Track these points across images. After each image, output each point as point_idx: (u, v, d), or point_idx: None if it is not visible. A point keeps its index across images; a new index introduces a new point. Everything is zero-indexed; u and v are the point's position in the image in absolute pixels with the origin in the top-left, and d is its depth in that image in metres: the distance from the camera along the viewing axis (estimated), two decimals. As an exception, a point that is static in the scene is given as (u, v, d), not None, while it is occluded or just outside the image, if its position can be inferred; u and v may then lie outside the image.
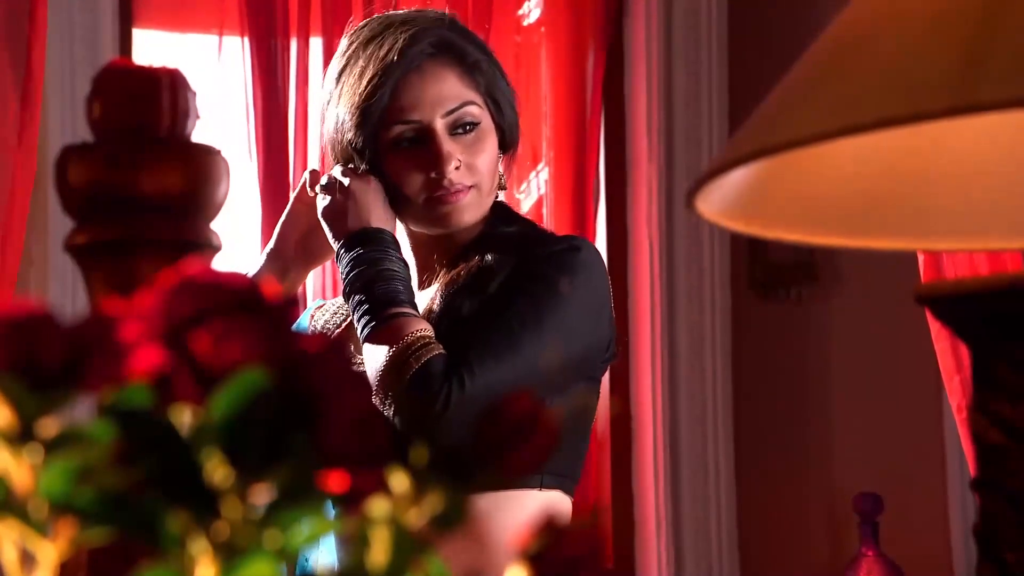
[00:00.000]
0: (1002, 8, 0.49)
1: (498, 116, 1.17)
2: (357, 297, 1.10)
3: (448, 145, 1.13)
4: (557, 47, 2.24)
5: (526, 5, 2.23)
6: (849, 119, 0.50)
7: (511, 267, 1.11)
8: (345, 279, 1.11)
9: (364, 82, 1.14)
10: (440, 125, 1.13)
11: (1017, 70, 0.47)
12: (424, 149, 1.13)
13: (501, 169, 1.19)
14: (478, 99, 1.16)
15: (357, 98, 1.14)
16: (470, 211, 1.14)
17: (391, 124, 1.13)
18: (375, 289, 1.09)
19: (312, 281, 2.05)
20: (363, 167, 1.16)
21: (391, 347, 1.05)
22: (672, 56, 2.27)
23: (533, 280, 1.10)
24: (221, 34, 2.07)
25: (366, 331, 1.08)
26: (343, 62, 1.17)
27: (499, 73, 1.19)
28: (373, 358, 1.07)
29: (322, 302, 1.30)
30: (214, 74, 2.06)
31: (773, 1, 2.31)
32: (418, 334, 1.06)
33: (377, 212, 1.14)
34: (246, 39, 2.05)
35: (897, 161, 0.63)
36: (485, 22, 2.15)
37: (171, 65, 0.42)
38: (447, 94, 1.14)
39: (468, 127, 1.14)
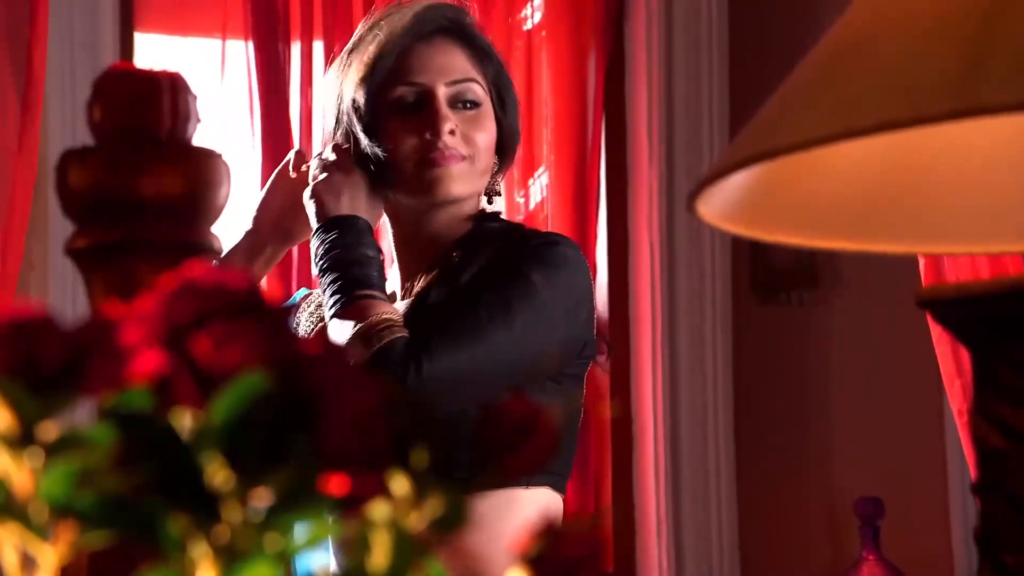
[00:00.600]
0: (1003, 10, 0.49)
1: (499, 109, 1.19)
2: (330, 276, 1.11)
3: (448, 113, 1.15)
4: (558, 51, 2.24)
5: (527, 8, 2.23)
6: (850, 122, 0.50)
7: (487, 259, 1.12)
8: (320, 259, 1.13)
9: (374, 46, 1.16)
10: (442, 92, 1.15)
11: (1018, 72, 0.47)
12: (423, 113, 1.15)
13: (495, 166, 1.20)
14: (483, 82, 1.18)
15: (366, 58, 1.16)
16: (460, 182, 1.15)
17: (395, 85, 1.15)
18: (350, 271, 1.11)
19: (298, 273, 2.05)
20: (360, 139, 1.17)
21: (355, 324, 1.07)
22: (673, 60, 2.27)
23: (506, 271, 1.10)
24: (223, 38, 2.07)
25: (334, 308, 1.10)
26: (354, 41, 1.20)
27: (506, 74, 1.21)
28: (337, 335, 1.08)
29: (307, 292, 1.30)
30: (215, 78, 2.06)
31: (774, 5, 2.32)
32: (383, 316, 1.07)
33: (360, 202, 1.15)
34: (249, 43, 2.06)
35: (898, 164, 0.63)
36: (486, 26, 2.15)
37: (172, 68, 0.42)
38: (453, 65, 1.16)
39: (469, 104, 1.16)
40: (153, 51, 2.09)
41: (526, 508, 1.09)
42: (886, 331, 2.18)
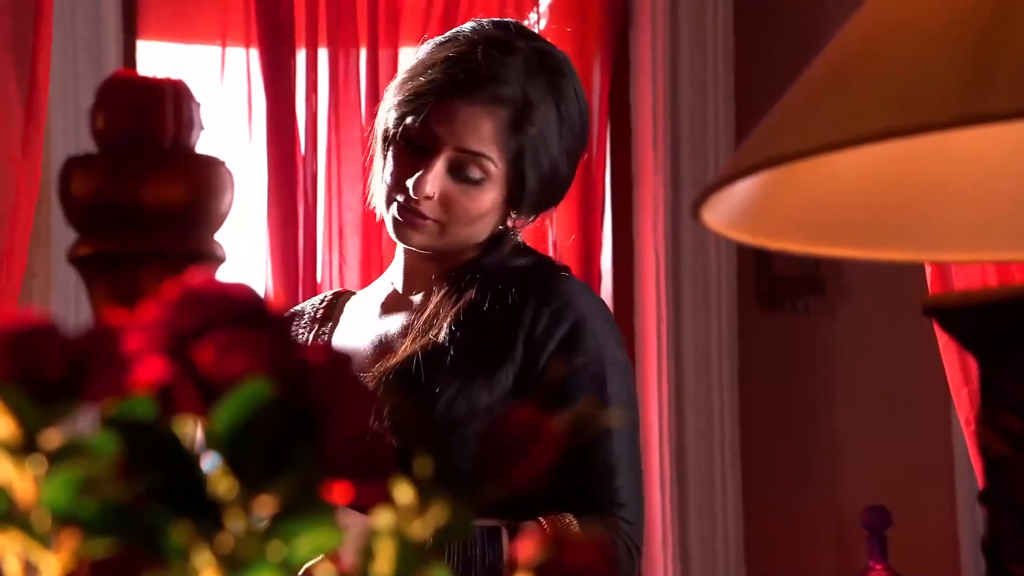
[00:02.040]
0: (1008, 18, 0.49)
1: (514, 180, 1.13)
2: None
3: (438, 175, 1.11)
4: (563, 58, 2.24)
5: (531, 16, 2.23)
6: (855, 130, 0.50)
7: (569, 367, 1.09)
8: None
9: (426, 62, 1.13)
10: (447, 155, 1.11)
11: (1023, 80, 0.46)
12: (421, 160, 1.12)
13: (511, 224, 1.16)
14: (499, 156, 1.12)
15: (411, 83, 1.13)
16: (423, 240, 1.13)
17: (416, 116, 1.12)
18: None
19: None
20: (377, 143, 1.16)
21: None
22: (678, 67, 2.27)
23: (591, 375, 1.09)
24: (225, 45, 2.08)
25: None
26: (416, 55, 1.17)
27: (559, 134, 1.13)
28: None
29: (295, 309, 1.27)
30: (219, 85, 2.06)
31: (779, 13, 2.32)
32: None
33: None
34: (252, 50, 2.06)
35: (903, 172, 0.63)
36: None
37: (175, 76, 0.42)
38: (472, 135, 1.11)
39: (470, 179, 1.11)
40: (156, 58, 2.10)
41: None
42: (893, 339, 2.18)
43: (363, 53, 2.10)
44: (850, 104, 0.51)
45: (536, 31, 1.18)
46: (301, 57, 2.08)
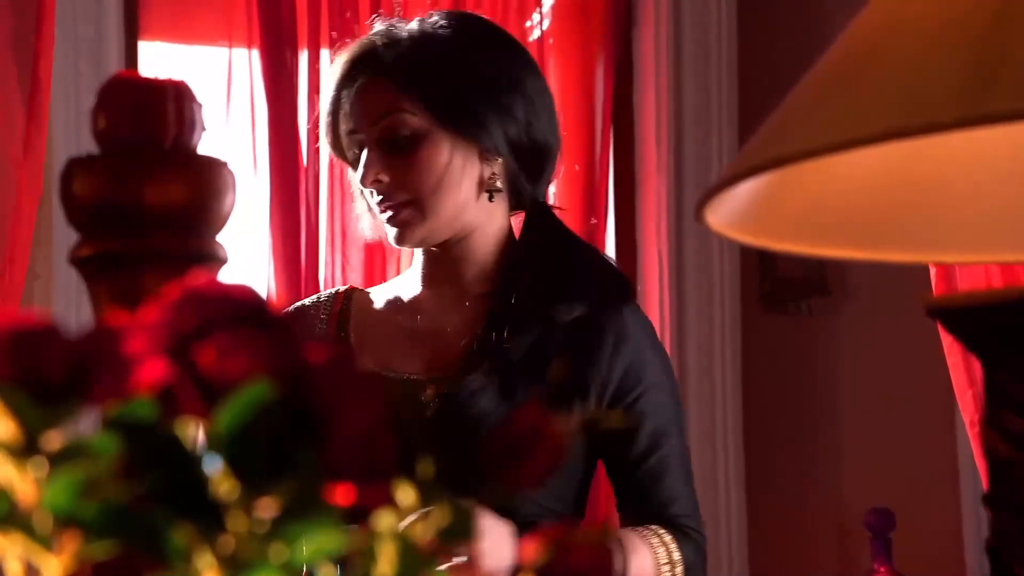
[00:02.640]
0: (1010, 18, 0.48)
1: (458, 126, 1.10)
2: None
3: (372, 158, 1.11)
4: (565, 59, 2.24)
5: (534, 16, 2.23)
6: (858, 131, 0.49)
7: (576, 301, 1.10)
8: None
9: (322, 102, 1.16)
10: (369, 138, 1.12)
11: (1027, 81, 0.46)
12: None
13: (491, 173, 1.12)
14: (410, 107, 1.10)
15: (321, 116, 1.17)
16: (413, 230, 1.12)
17: (334, 131, 1.15)
18: None
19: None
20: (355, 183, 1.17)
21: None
22: (681, 68, 2.27)
23: (640, 381, 1.12)
24: (229, 46, 2.08)
25: None
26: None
27: (483, 83, 1.10)
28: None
29: (299, 305, 1.25)
30: (221, 86, 2.06)
31: (782, 13, 2.32)
32: (662, 565, 1.09)
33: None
34: (255, 51, 2.06)
35: (907, 173, 0.63)
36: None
37: (176, 77, 0.42)
38: (375, 104, 1.12)
39: (404, 141, 1.10)
40: (157, 59, 2.10)
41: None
42: (897, 341, 2.17)
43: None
44: (853, 105, 0.51)
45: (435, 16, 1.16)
46: (303, 58, 2.08)
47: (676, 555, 1.11)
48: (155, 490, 0.34)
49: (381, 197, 1.12)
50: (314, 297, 1.26)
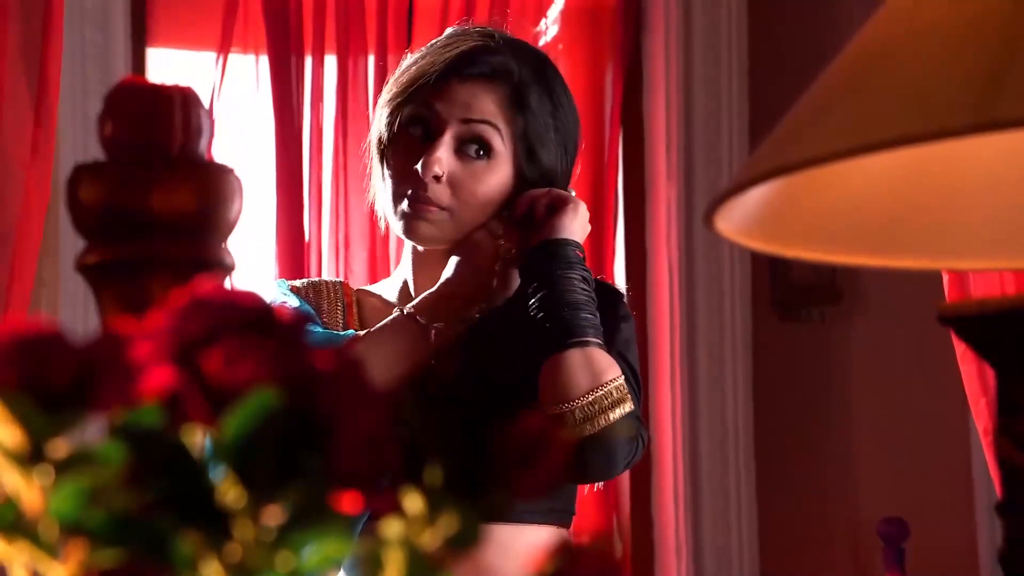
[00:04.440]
0: (1023, 23, 0.48)
1: (524, 160, 1.12)
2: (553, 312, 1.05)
3: (444, 153, 1.10)
4: (575, 64, 2.24)
5: (543, 22, 2.23)
6: (870, 136, 0.49)
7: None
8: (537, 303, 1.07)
9: (414, 69, 1.13)
10: (453, 130, 1.10)
11: (1040, 86, 0.46)
12: (426, 146, 1.11)
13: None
14: (504, 130, 1.11)
15: (403, 78, 1.13)
16: (433, 234, 1.11)
17: (415, 103, 1.11)
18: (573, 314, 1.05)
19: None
20: (373, 153, 1.14)
21: (593, 389, 1.04)
22: (691, 73, 2.27)
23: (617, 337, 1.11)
24: (245, 52, 2.08)
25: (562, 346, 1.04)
26: (403, 62, 1.16)
27: (558, 133, 1.13)
28: (567, 384, 1.04)
29: (312, 281, 1.23)
30: (227, 92, 2.06)
31: (793, 18, 2.31)
32: (619, 382, 1.05)
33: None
34: (261, 57, 2.07)
35: (919, 179, 0.62)
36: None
37: (183, 83, 0.42)
38: (477, 105, 1.11)
39: (479, 150, 1.10)
40: (165, 66, 2.10)
41: (533, 546, 1.07)
42: (909, 348, 2.16)
43: (371, 60, 2.10)
44: (865, 110, 0.50)
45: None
46: (309, 64, 2.08)
47: (623, 392, 1.05)
48: (161, 498, 0.33)
49: (423, 192, 1.10)
50: (320, 278, 1.25)
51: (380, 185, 1.16)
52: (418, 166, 1.10)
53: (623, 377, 1.06)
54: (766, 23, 2.31)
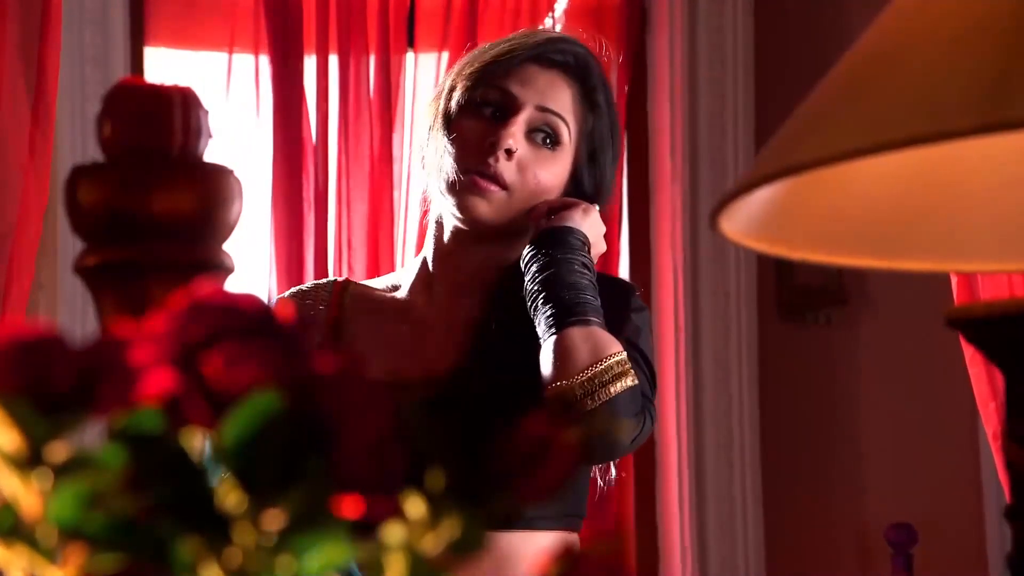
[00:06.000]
0: (1033, 22, 0.48)
1: (584, 159, 1.14)
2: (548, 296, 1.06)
3: (520, 130, 1.11)
4: (578, 64, 2.23)
5: (546, 21, 2.23)
6: (877, 137, 0.49)
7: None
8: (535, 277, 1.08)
9: (495, 50, 1.14)
10: (527, 113, 1.12)
11: (1049, 85, 0.45)
12: (497, 124, 1.11)
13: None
14: (575, 127, 1.14)
15: (484, 55, 1.14)
16: (490, 210, 1.11)
17: (490, 85, 1.12)
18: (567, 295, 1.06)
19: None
20: (438, 119, 1.15)
21: (594, 364, 1.03)
22: (696, 74, 2.26)
23: (628, 334, 1.11)
24: (232, 52, 2.08)
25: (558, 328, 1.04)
26: (482, 46, 1.17)
27: (612, 135, 1.16)
28: (567, 360, 1.03)
29: (296, 290, 1.24)
30: (227, 92, 2.06)
31: (799, 19, 2.31)
32: (622, 356, 1.05)
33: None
34: (262, 57, 2.06)
35: (926, 179, 0.62)
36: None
37: (183, 83, 0.42)
38: (554, 96, 1.13)
39: (548, 140, 1.12)
40: (164, 66, 2.10)
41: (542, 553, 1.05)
42: (917, 351, 2.15)
43: (373, 60, 2.10)
44: (871, 111, 0.50)
45: None
46: (311, 64, 2.08)
47: (624, 367, 1.05)
48: (161, 502, 0.33)
49: (487, 163, 1.10)
50: (311, 283, 1.25)
51: (435, 161, 1.15)
52: (492, 140, 1.10)
53: (625, 354, 1.05)
54: (772, 23, 2.30)
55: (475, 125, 1.12)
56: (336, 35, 2.08)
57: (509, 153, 1.10)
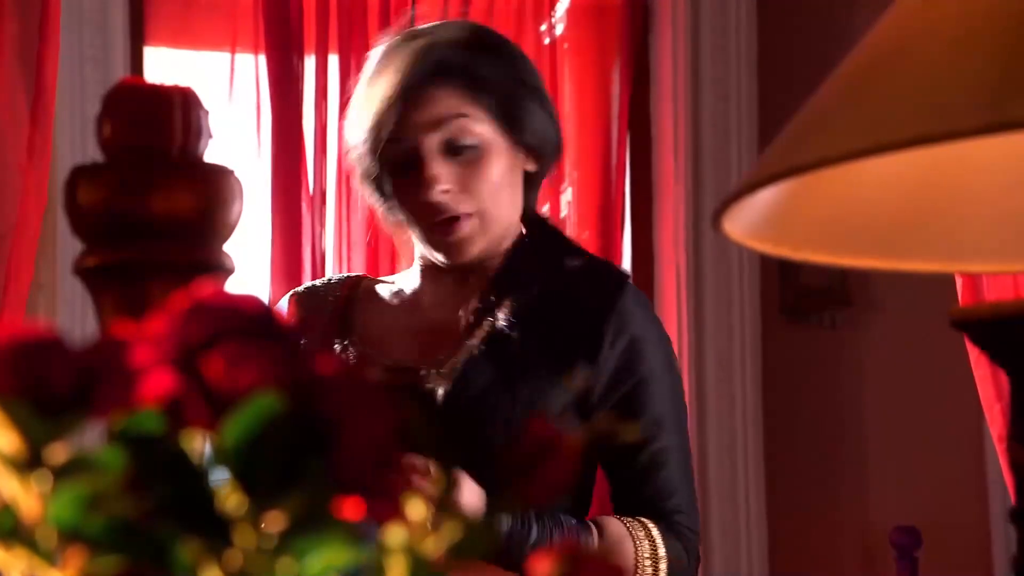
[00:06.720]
0: (1038, 21, 0.47)
1: (515, 133, 1.11)
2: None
3: (437, 167, 1.08)
4: (581, 64, 2.23)
5: (548, 22, 2.22)
6: (881, 137, 0.49)
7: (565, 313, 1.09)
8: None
9: (371, 111, 1.11)
10: (429, 143, 1.09)
11: (1055, 85, 0.45)
12: (415, 173, 1.09)
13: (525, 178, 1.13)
14: (481, 115, 1.09)
15: (368, 119, 1.11)
16: (475, 242, 1.10)
17: (387, 144, 1.10)
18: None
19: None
20: (375, 201, 1.14)
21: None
22: (699, 73, 2.26)
23: (637, 379, 1.09)
24: (234, 51, 2.08)
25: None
26: (360, 87, 1.15)
27: (525, 87, 1.12)
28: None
29: (309, 286, 1.24)
30: (227, 92, 2.06)
31: (803, 18, 2.30)
32: (645, 556, 1.06)
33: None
34: (261, 56, 2.06)
35: (931, 180, 0.61)
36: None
37: (183, 83, 0.41)
38: (438, 112, 1.09)
39: (464, 148, 1.09)
40: (164, 66, 2.09)
41: None
42: (922, 353, 2.14)
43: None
44: (875, 111, 0.50)
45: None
46: (311, 63, 2.08)
47: (661, 550, 1.07)
48: (162, 504, 0.33)
49: (438, 211, 1.09)
50: (324, 279, 1.25)
51: (383, 212, 1.16)
52: (423, 197, 1.09)
53: (643, 543, 1.07)
54: (775, 23, 2.30)
55: (404, 185, 1.11)
56: (336, 35, 2.08)
57: (446, 194, 1.09)
